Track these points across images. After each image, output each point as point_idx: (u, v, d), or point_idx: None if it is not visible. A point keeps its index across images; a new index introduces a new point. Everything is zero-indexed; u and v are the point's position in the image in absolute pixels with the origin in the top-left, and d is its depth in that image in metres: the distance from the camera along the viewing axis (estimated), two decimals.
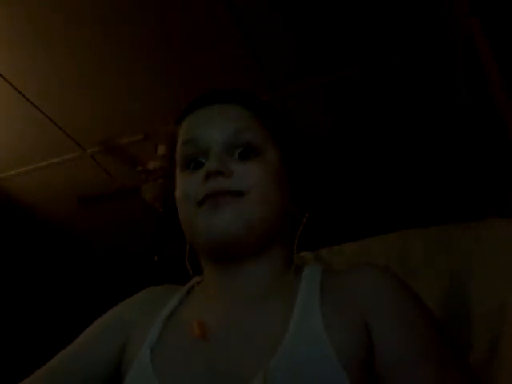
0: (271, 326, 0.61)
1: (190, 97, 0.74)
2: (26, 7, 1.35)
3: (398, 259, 0.92)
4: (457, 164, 2.04)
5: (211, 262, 0.71)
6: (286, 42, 1.50)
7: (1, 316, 2.56)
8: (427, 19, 1.45)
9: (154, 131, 1.77)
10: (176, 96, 1.70)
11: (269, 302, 0.65)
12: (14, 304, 2.63)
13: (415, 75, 1.64)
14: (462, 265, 0.85)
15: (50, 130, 1.82)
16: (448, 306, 0.82)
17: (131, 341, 0.70)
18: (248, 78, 1.65)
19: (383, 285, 0.64)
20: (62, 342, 0.74)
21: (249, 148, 0.69)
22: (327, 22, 1.44)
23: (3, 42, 1.45)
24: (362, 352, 0.58)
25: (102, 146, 1.80)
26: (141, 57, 1.54)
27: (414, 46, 1.54)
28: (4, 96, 1.63)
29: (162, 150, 1.70)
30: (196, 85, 1.73)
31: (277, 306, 0.64)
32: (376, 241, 0.98)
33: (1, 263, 2.42)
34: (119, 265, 2.67)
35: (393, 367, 0.56)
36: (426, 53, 1.56)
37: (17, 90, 1.62)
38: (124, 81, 1.62)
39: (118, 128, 1.83)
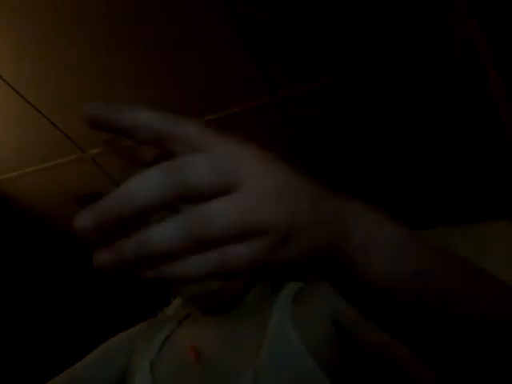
0: (254, 337, 0.72)
1: (191, 100, 0.74)
2: (26, 11, 1.36)
3: None
4: (457, 165, 2.04)
5: None
6: (286, 43, 1.50)
7: (1, 317, 2.56)
8: (426, 21, 1.45)
9: None
10: (176, 98, 1.70)
11: (250, 319, 0.76)
12: (13, 305, 2.62)
13: (414, 77, 1.65)
14: None
15: (49, 132, 1.82)
16: None
17: (132, 362, 0.80)
18: (248, 80, 1.65)
19: None
20: (62, 343, 0.75)
21: None
22: (328, 22, 1.44)
23: (4, 45, 1.45)
24: (333, 348, 0.70)
25: (104, 147, 1.81)
26: (141, 59, 1.54)
27: (414, 48, 1.54)
28: (4, 98, 1.64)
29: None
30: (196, 87, 1.73)
31: (257, 322, 0.75)
32: None
33: None
34: None
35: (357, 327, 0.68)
36: (426, 55, 1.56)
37: (16, 91, 1.62)
38: (124, 83, 1.62)
39: None
